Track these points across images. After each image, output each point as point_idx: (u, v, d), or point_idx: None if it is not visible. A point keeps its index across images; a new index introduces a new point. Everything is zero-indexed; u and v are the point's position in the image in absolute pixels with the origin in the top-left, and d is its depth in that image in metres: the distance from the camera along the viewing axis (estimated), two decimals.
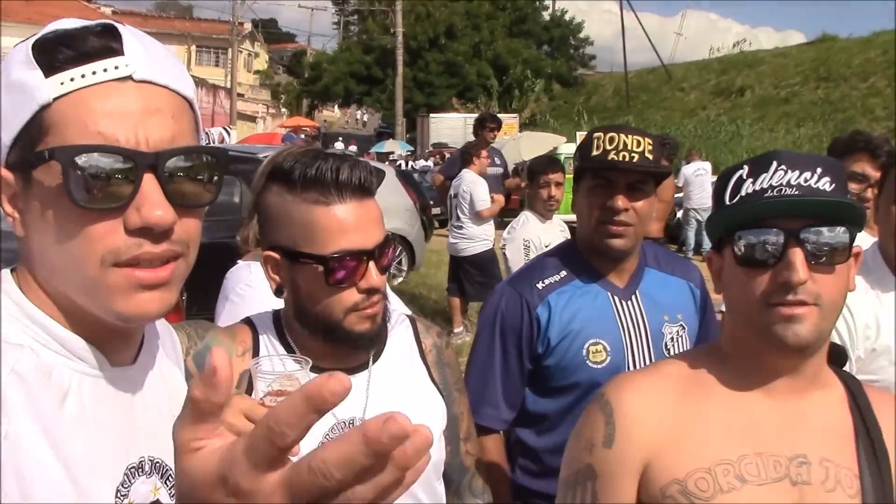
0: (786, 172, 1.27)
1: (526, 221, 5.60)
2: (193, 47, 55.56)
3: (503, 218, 9.73)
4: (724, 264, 1.36)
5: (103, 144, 0.92)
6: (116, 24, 0.98)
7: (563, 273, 2.23)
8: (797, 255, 1.24)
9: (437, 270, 11.79)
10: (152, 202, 0.93)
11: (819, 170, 1.28)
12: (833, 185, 1.28)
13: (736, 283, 1.31)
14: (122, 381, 1.05)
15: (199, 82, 42.38)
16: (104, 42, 0.94)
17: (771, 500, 1.27)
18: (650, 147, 2.11)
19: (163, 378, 1.17)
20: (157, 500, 1.07)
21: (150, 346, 1.15)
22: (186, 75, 1.04)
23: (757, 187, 1.29)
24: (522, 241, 5.37)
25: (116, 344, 1.04)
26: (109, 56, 0.94)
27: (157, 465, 1.09)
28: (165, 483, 1.10)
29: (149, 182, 0.94)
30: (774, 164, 1.29)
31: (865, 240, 2.92)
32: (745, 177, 1.31)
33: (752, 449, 1.30)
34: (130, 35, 0.97)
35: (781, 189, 1.27)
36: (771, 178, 1.28)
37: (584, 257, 2.24)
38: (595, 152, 2.12)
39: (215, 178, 1.02)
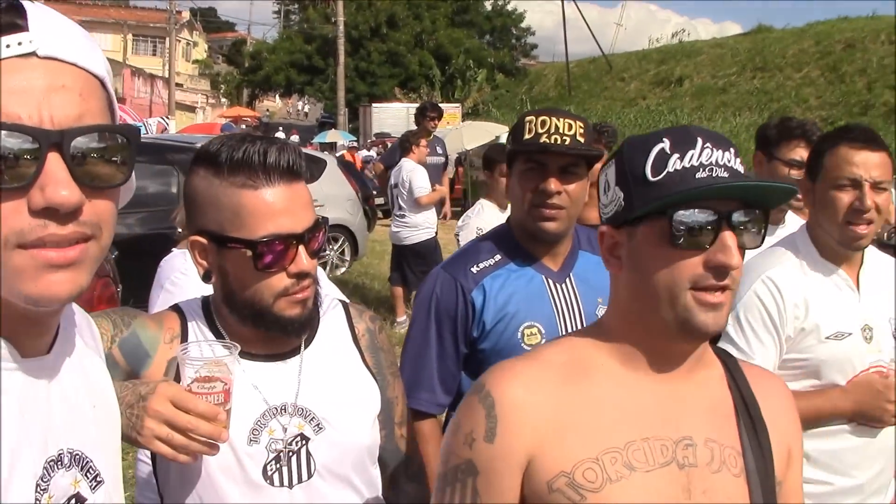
0: (712, 151, 1.24)
1: (481, 210, 5.61)
2: (130, 36, 54.44)
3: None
4: (632, 242, 1.28)
5: (3, 122, 0.88)
6: (23, 1, 0.94)
7: (498, 257, 2.24)
8: (732, 239, 1.21)
9: (381, 260, 11.78)
10: (56, 182, 0.90)
11: (732, 150, 1.26)
12: (742, 166, 1.28)
13: (658, 263, 1.23)
14: (37, 371, 1.01)
15: (137, 72, 41.63)
16: (8, 18, 0.91)
17: (659, 485, 1.23)
18: (581, 130, 2.13)
19: (82, 368, 1.13)
20: (78, 492, 1.05)
21: (67, 335, 1.11)
22: (99, 53, 1.00)
23: (686, 164, 1.22)
24: (476, 229, 5.39)
25: (29, 333, 1.00)
26: (13, 32, 0.91)
27: (77, 457, 1.06)
28: (86, 475, 1.07)
29: (53, 161, 0.90)
30: (699, 140, 1.24)
31: (795, 221, 3.01)
32: (668, 151, 1.24)
33: (638, 434, 1.26)
34: (37, 11, 0.94)
35: (713, 169, 1.22)
36: (700, 155, 1.23)
37: (518, 241, 2.25)
38: (527, 136, 2.14)
39: (127, 158, 0.99)
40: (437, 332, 2.21)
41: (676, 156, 1.24)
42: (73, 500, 1.04)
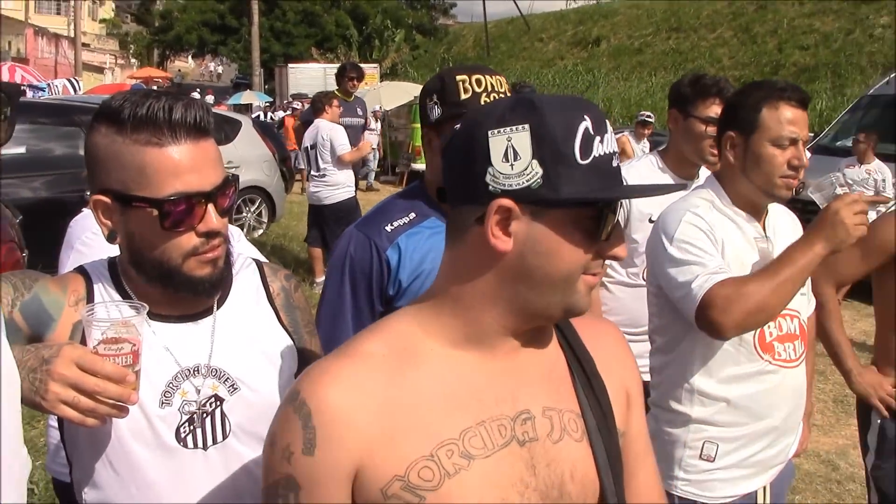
0: (611, 135, 1.20)
1: None
2: None
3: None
4: (538, 222, 1.16)
5: None
6: None
7: (413, 215, 2.21)
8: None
9: (299, 222, 11.66)
10: None
11: None
12: None
13: (566, 248, 1.16)
14: None
15: (40, 31, 39.92)
16: None
17: (501, 468, 1.18)
18: (508, 87, 2.13)
19: None
20: None
21: None
22: None
23: (606, 150, 1.17)
24: None
25: None
26: None
27: None
28: None
29: None
30: (607, 123, 1.20)
31: (703, 173, 3.13)
32: (591, 132, 1.15)
33: (473, 419, 1.18)
34: None
35: (614, 156, 1.19)
36: (611, 140, 1.19)
37: (434, 198, 2.24)
38: (464, 96, 2.09)
39: (5, 114, 0.91)
40: (352, 292, 2.19)
41: (598, 138, 1.16)
42: None
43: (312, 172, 8.42)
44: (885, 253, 2.83)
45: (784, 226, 2.52)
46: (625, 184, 1.25)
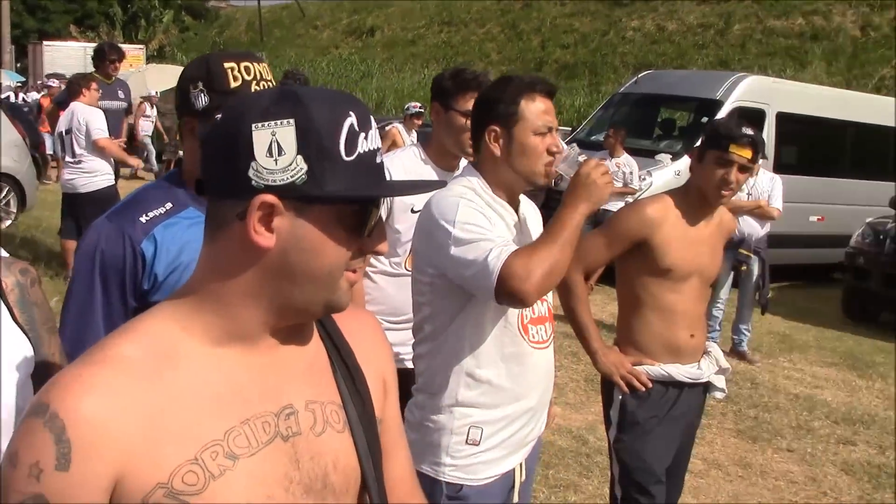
0: (375, 131, 1.22)
1: None
2: None
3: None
4: (301, 218, 1.14)
5: None
6: None
7: (169, 205, 2.14)
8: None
9: (53, 212, 10.90)
10: None
11: None
12: None
13: (329, 245, 1.16)
14: None
15: None
16: None
17: (266, 466, 1.17)
18: (273, 76, 2.11)
19: None
20: None
21: None
22: None
23: (370, 147, 1.17)
24: None
25: None
26: None
27: None
28: None
29: None
30: (372, 119, 1.20)
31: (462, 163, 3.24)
32: (356, 128, 1.15)
33: (237, 418, 1.16)
34: None
35: (377, 152, 1.20)
36: (374, 136, 1.20)
37: (191, 188, 2.18)
38: (234, 84, 2.03)
39: None
40: (103, 288, 2.07)
41: (363, 135, 1.15)
42: None
43: (67, 159, 7.93)
44: (627, 240, 3.10)
45: (529, 214, 2.69)
46: (388, 179, 1.26)
